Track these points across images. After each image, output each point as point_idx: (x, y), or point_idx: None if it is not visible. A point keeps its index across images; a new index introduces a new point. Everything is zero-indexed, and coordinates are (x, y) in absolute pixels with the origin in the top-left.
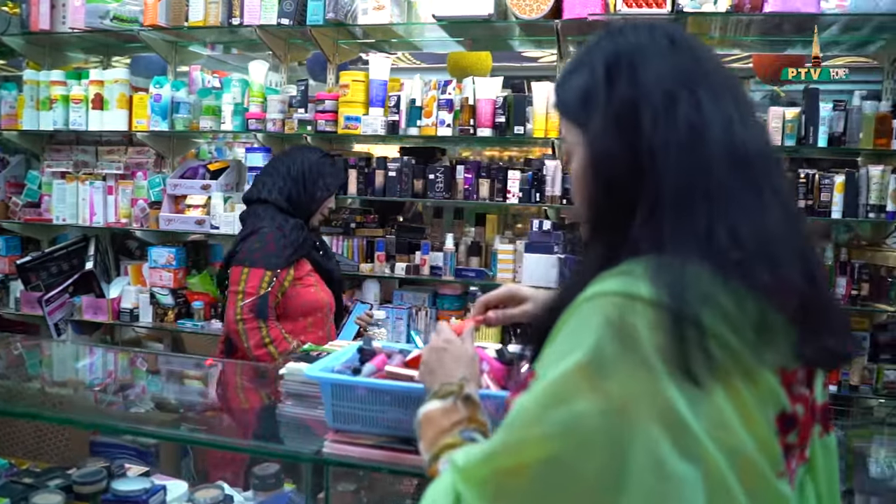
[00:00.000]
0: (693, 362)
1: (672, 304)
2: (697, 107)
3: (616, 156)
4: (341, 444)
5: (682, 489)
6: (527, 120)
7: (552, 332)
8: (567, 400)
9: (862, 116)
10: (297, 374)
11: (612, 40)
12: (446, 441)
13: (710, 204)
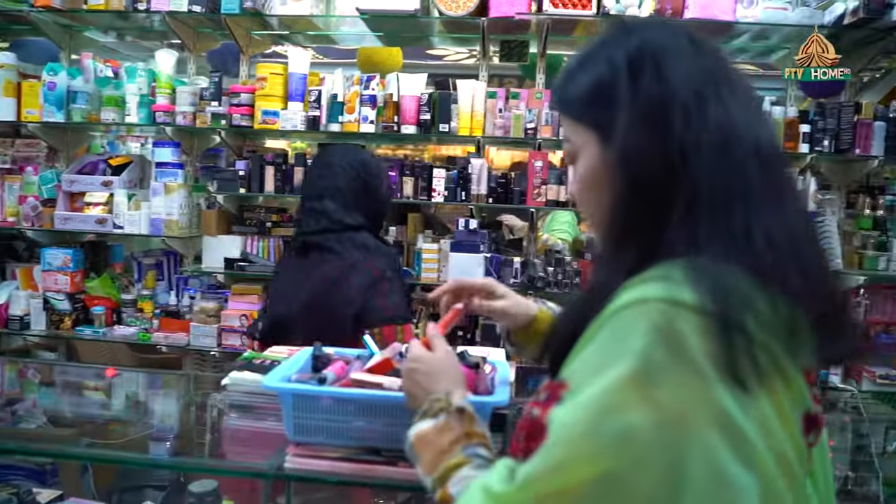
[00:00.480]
0: (741, 369)
1: (718, 311)
2: (725, 107)
3: (646, 155)
4: (305, 458)
5: (741, 496)
6: (451, 118)
7: (581, 341)
8: (618, 412)
9: (772, 122)
10: (242, 384)
11: (631, 37)
12: (450, 462)
13: (746, 205)
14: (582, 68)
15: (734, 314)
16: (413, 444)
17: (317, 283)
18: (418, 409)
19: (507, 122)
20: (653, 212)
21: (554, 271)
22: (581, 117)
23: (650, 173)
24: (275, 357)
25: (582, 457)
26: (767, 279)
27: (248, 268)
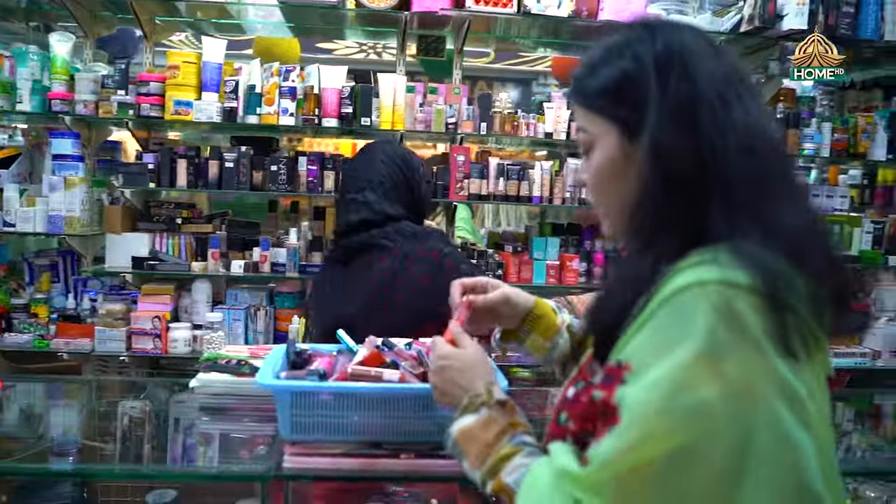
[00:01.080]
0: (792, 342)
1: (770, 291)
2: (746, 107)
3: (677, 150)
4: (304, 457)
5: (804, 456)
6: (373, 111)
7: (634, 324)
8: (689, 389)
9: None
10: (212, 385)
11: (656, 36)
12: (500, 454)
13: (774, 197)
14: (604, 63)
15: (783, 294)
16: (457, 440)
17: (376, 279)
18: (456, 405)
19: (429, 117)
20: (685, 204)
21: (478, 262)
22: (601, 110)
23: (681, 168)
24: (237, 356)
25: (657, 433)
26: (797, 262)
27: (160, 267)
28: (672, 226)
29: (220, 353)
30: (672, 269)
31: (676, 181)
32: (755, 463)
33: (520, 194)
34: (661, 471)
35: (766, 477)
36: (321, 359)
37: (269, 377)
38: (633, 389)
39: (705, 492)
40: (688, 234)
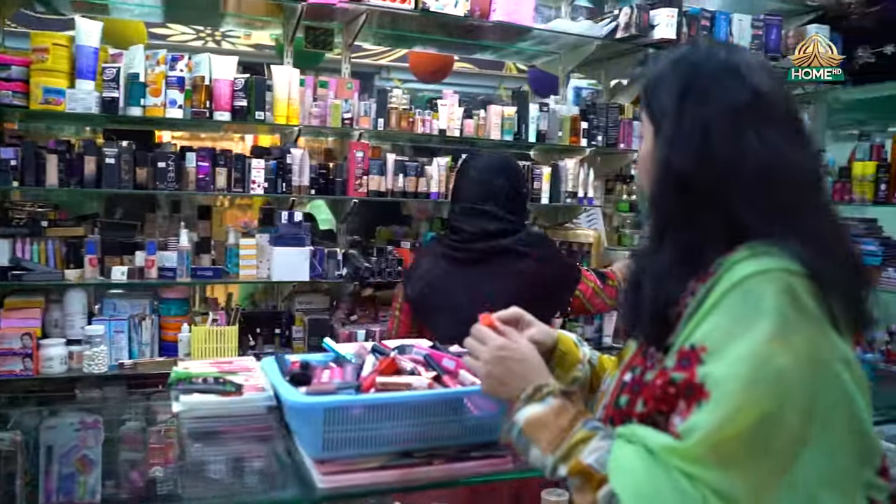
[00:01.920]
0: (837, 318)
1: (819, 277)
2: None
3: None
4: (341, 475)
5: (858, 408)
6: (267, 105)
7: (700, 310)
8: (769, 362)
9: (560, 118)
10: (201, 408)
11: (687, 53)
12: (575, 437)
13: (800, 208)
14: (671, 70)
15: (827, 279)
16: (524, 429)
17: (518, 280)
18: (512, 395)
19: (324, 112)
20: (687, 210)
21: (377, 261)
22: (647, 108)
23: (684, 178)
24: (207, 373)
25: (747, 404)
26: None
27: (26, 277)
28: (688, 224)
29: (188, 371)
30: (727, 262)
31: (680, 187)
32: (823, 415)
33: (418, 190)
34: (753, 435)
35: (832, 425)
36: (327, 370)
37: (297, 395)
38: (717, 367)
39: (789, 445)
40: (715, 232)
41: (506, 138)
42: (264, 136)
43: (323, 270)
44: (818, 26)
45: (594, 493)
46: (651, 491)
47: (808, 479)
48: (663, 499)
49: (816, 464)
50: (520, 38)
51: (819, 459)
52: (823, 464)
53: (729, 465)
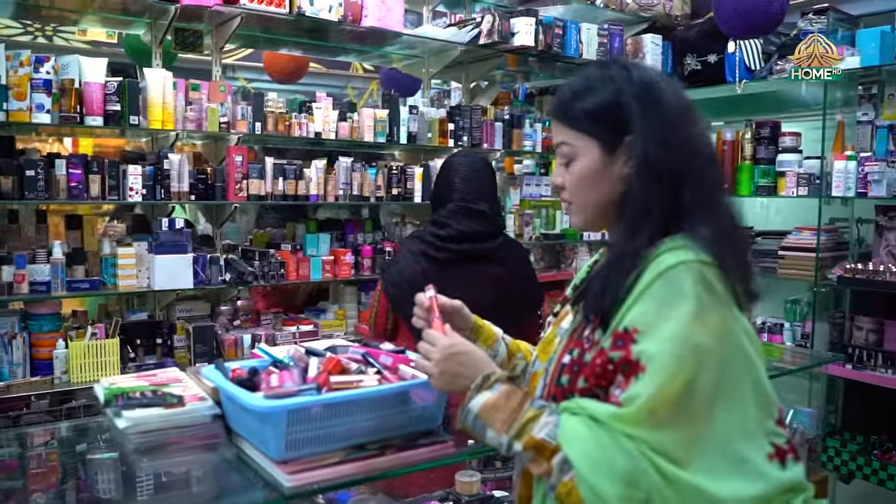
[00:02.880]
0: (739, 299)
1: (724, 266)
2: (699, 128)
3: (659, 164)
4: (305, 473)
5: (758, 370)
6: (141, 110)
7: (631, 296)
8: (690, 340)
9: (428, 120)
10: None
11: (632, 73)
12: (526, 416)
13: (717, 198)
14: (589, 91)
15: (731, 267)
16: (479, 414)
17: (494, 284)
18: (462, 387)
19: (200, 116)
20: (662, 201)
21: (260, 264)
22: (586, 129)
23: (659, 175)
24: (140, 387)
25: (675, 375)
26: (728, 246)
27: None
28: (651, 218)
29: (120, 387)
30: (653, 253)
31: (658, 182)
32: (731, 376)
33: (297, 193)
34: (680, 399)
35: (741, 386)
36: (274, 374)
37: (260, 399)
38: (649, 345)
39: (707, 405)
40: (663, 225)
41: (379, 140)
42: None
43: (206, 277)
44: (652, 36)
45: (548, 462)
46: (599, 453)
47: (724, 431)
48: (610, 458)
49: (730, 419)
50: (389, 42)
51: (732, 415)
52: (735, 418)
53: (663, 425)
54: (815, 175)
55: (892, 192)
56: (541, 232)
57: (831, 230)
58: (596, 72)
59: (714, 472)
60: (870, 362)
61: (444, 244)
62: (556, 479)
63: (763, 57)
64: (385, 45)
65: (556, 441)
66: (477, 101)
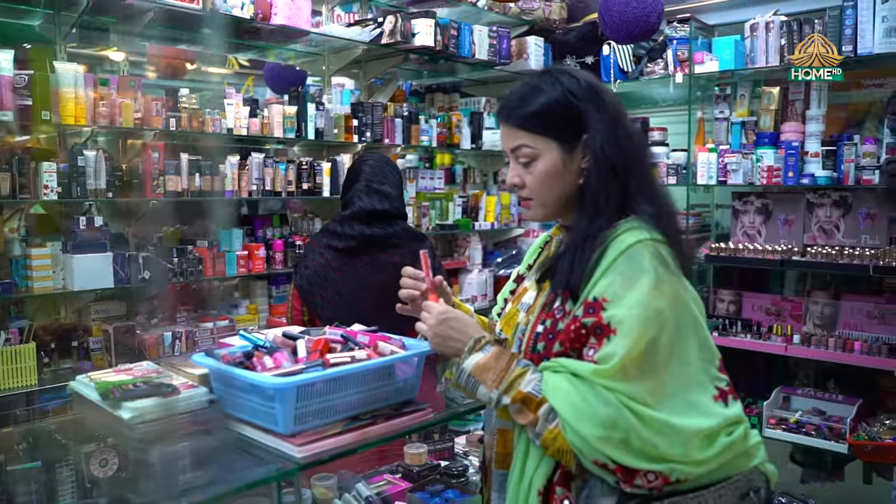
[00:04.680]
0: (686, 269)
1: (672, 242)
2: (631, 122)
3: (613, 156)
4: (312, 444)
5: (703, 328)
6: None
7: (597, 271)
8: (651, 304)
9: (334, 116)
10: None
11: (577, 76)
12: (514, 373)
13: (653, 181)
14: (535, 95)
15: (677, 243)
16: (472, 372)
17: (390, 273)
18: (455, 349)
19: (113, 111)
20: (617, 189)
21: (179, 261)
22: (543, 130)
23: (616, 166)
24: (128, 380)
25: (641, 334)
26: (670, 223)
27: None
28: (611, 202)
29: (111, 381)
30: (612, 233)
31: (613, 173)
32: (683, 335)
33: (213, 189)
34: (646, 355)
35: (690, 342)
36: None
37: (271, 378)
38: (617, 311)
39: (666, 359)
40: (617, 209)
41: (288, 136)
42: None
43: (125, 275)
44: (535, 38)
45: (535, 412)
46: (582, 403)
47: (680, 379)
48: (592, 407)
49: (683, 369)
50: (295, 40)
51: (685, 366)
52: (688, 369)
53: (634, 377)
54: (682, 165)
55: (747, 179)
56: (436, 223)
57: (696, 214)
58: (542, 77)
59: (676, 412)
60: (732, 329)
61: (346, 229)
62: (541, 427)
63: (634, 60)
64: (290, 43)
65: (542, 394)
66: (374, 98)
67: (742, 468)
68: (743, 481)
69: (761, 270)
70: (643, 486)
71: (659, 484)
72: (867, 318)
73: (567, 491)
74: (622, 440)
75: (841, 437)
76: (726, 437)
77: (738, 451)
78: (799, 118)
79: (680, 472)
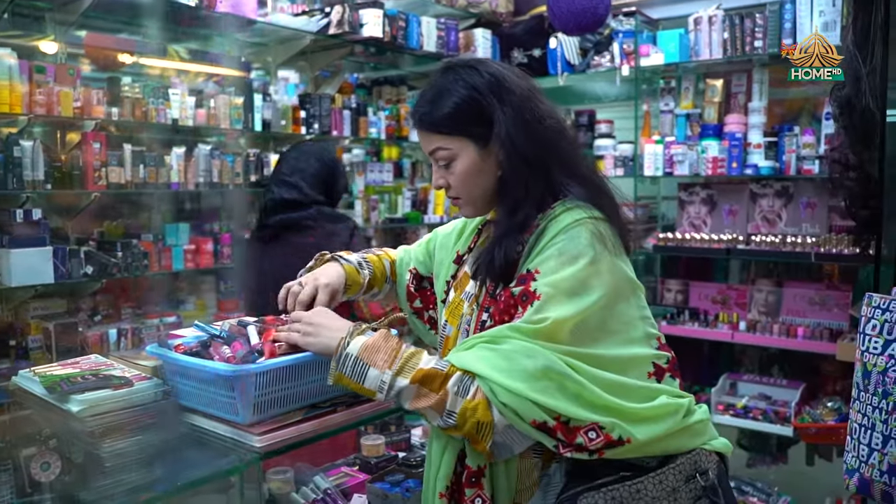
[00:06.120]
0: (626, 246)
1: (611, 220)
2: (546, 106)
3: (522, 146)
4: (272, 433)
5: (642, 304)
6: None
7: (536, 249)
8: (585, 280)
9: (281, 107)
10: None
11: (479, 70)
12: (406, 353)
13: (581, 161)
14: (443, 96)
15: (616, 220)
16: (359, 355)
17: (303, 254)
18: (339, 336)
19: (51, 100)
20: (535, 176)
21: (123, 255)
22: (456, 131)
23: (527, 153)
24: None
25: (572, 305)
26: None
27: None
28: (531, 192)
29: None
30: (550, 214)
31: (526, 163)
32: (620, 314)
33: (158, 181)
34: (575, 329)
35: (628, 318)
36: (225, 346)
37: (229, 367)
38: (547, 280)
39: (597, 333)
40: (543, 195)
41: (235, 127)
42: None
43: (66, 270)
44: (483, 30)
45: (442, 387)
46: (506, 361)
47: (612, 354)
48: (517, 362)
49: (617, 347)
50: (241, 29)
51: (618, 346)
52: (622, 347)
53: (563, 343)
54: (629, 157)
55: (693, 170)
56: (386, 216)
57: (644, 205)
58: (445, 76)
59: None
60: (679, 318)
61: (264, 219)
62: (453, 403)
63: (580, 53)
64: (236, 32)
65: (448, 368)
66: (322, 89)
67: (686, 447)
68: (686, 463)
69: (707, 260)
70: (585, 446)
71: (601, 443)
72: (808, 304)
73: (479, 489)
74: (559, 387)
75: (786, 420)
76: (669, 398)
77: (682, 424)
78: (742, 110)
79: (622, 429)
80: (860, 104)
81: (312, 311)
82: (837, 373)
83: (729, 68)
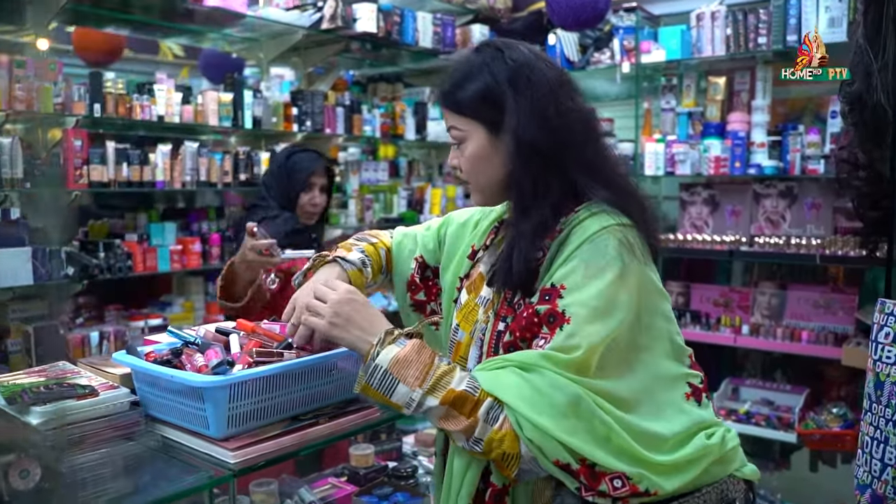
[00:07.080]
0: (654, 257)
1: (640, 227)
2: (576, 101)
3: (536, 139)
4: (248, 448)
5: (671, 322)
6: None
7: (558, 259)
8: (614, 297)
9: (272, 104)
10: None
11: (505, 55)
12: (439, 371)
13: (612, 164)
14: (467, 79)
15: (644, 226)
16: (389, 368)
17: None
18: (366, 338)
19: (30, 96)
20: (546, 177)
21: (106, 256)
22: (471, 114)
23: (539, 153)
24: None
25: (600, 328)
26: (634, 205)
27: None
28: (542, 189)
29: (16, 384)
30: (574, 219)
31: (537, 157)
32: (650, 331)
33: (143, 179)
34: (606, 352)
35: (658, 336)
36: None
37: (201, 377)
38: (575, 300)
39: (628, 355)
40: (561, 196)
41: (224, 124)
42: None
43: (46, 272)
44: (481, 26)
45: (472, 414)
46: (535, 394)
47: (645, 378)
48: (546, 395)
49: (650, 365)
50: (230, 24)
51: (651, 363)
52: (655, 364)
53: (594, 375)
54: (629, 156)
55: (695, 170)
56: (381, 216)
57: None
58: (472, 57)
59: (644, 416)
60: (680, 321)
61: None
62: (482, 431)
63: (580, 49)
64: (226, 27)
65: (480, 393)
66: (315, 86)
67: (716, 476)
68: (713, 492)
69: (709, 261)
70: (608, 493)
71: (626, 493)
72: (813, 307)
73: None
74: (587, 429)
75: (790, 426)
76: (706, 438)
77: (715, 458)
78: (745, 108)
79: (650, 482)
80: (871, 100)
81: (340, 297)
82: (842, 378)
83: (732, 65)
